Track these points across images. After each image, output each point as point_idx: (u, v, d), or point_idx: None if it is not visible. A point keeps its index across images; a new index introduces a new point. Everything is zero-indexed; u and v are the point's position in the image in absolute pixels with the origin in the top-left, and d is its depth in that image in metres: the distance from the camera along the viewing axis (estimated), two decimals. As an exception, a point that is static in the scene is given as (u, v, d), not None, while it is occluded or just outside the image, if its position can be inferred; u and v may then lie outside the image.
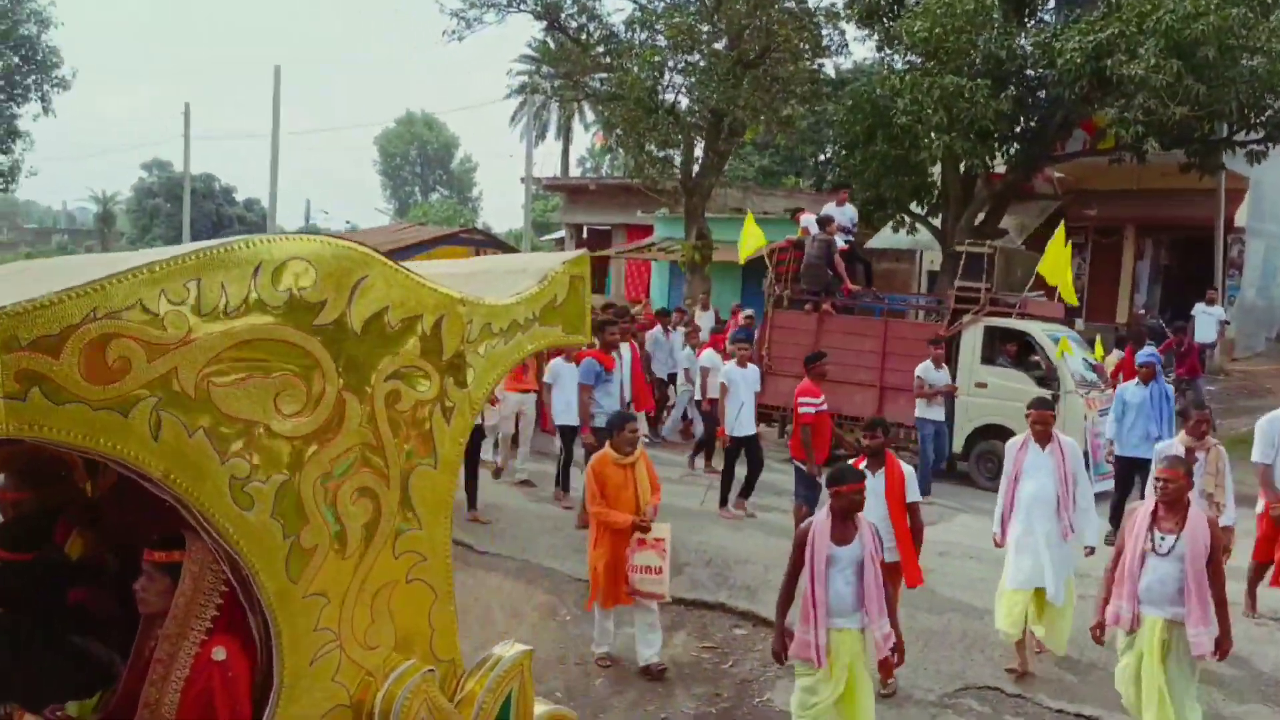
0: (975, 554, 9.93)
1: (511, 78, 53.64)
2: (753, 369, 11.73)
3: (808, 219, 15.91)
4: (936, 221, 19.98)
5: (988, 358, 13.71)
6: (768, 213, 28.85)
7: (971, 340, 13.78)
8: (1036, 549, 7.39)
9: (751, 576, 9.43)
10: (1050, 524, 7.43)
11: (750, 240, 15.50)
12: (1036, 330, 13.53)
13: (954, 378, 13.44)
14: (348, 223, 73.62)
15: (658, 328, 16.10)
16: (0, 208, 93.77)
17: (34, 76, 34.83)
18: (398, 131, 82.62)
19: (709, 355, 13.64)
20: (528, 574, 9.79)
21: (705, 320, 18.25)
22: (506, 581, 9.68)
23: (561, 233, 41.80)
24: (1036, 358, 13.51)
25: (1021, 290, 14.28)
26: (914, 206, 20.12)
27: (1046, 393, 12.25)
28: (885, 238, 23.78)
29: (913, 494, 7.28)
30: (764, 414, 13.90)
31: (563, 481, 11.80)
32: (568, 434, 11.51)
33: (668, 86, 22.15)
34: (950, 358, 13.59)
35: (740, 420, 11.23)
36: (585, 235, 39.29)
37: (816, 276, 15.05)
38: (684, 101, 22.50)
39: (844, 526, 5.85)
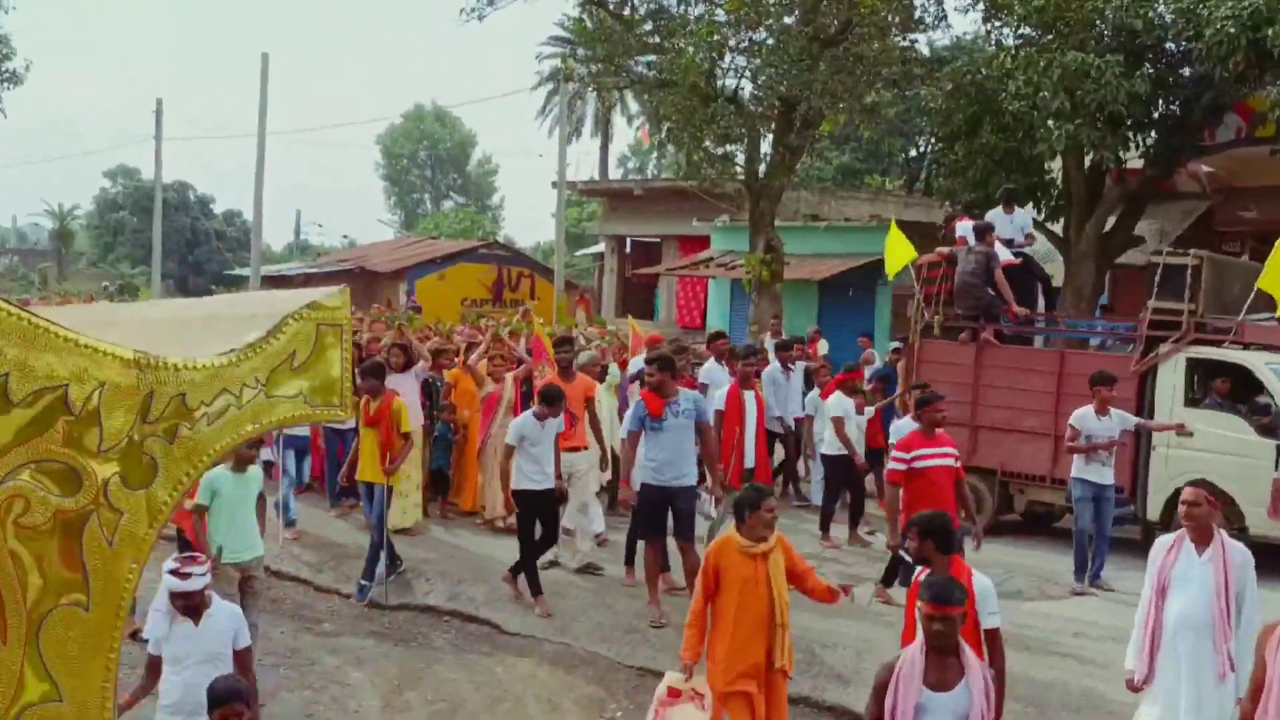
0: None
1: (540, 63, 54.39)
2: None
3: (964, 227, 15.35)
4: (1057, 227, 19.78)
5: (1193, 398, 12.81)
6: (849, 219, 28.88)
7: (1171, 376, 12.84)
8: (1173, 696, 6.63)
9: (843, 663, 9.29)
10: (1201, 659, 6.58)
11: (897, 253, 15.03)
12: (1259, 362, 12.41)
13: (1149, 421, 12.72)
14: (345, 237, 74.69)
15: (774, 365, 15.27)
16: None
17: (-20, 70, 35.62)
18: (404, 129, 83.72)
19: (838, 402, 13.37)
20: (568, 660, 9.73)
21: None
22: (542, 669, 9.61)
23: (600, 246, 42.00)
24: (1263, 399, 12.35)
25: (1238, 312, 12.89)
26: (1029, 209, 19.92)
27: (1271, 443, 11.83)
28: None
29: (989, 616, 6.17)
30: None
31: (631, 557, 11.40)
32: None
33: (728, 70, 22.25)
34: (1143, 398, 12.89)
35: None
36: (629, 249, 39.44)
37: (973, 297, 14.42)
38: (748, 87, 22.57)
39: (943, 665, 5.23)
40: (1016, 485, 13.87)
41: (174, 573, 6.34)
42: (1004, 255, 14.78)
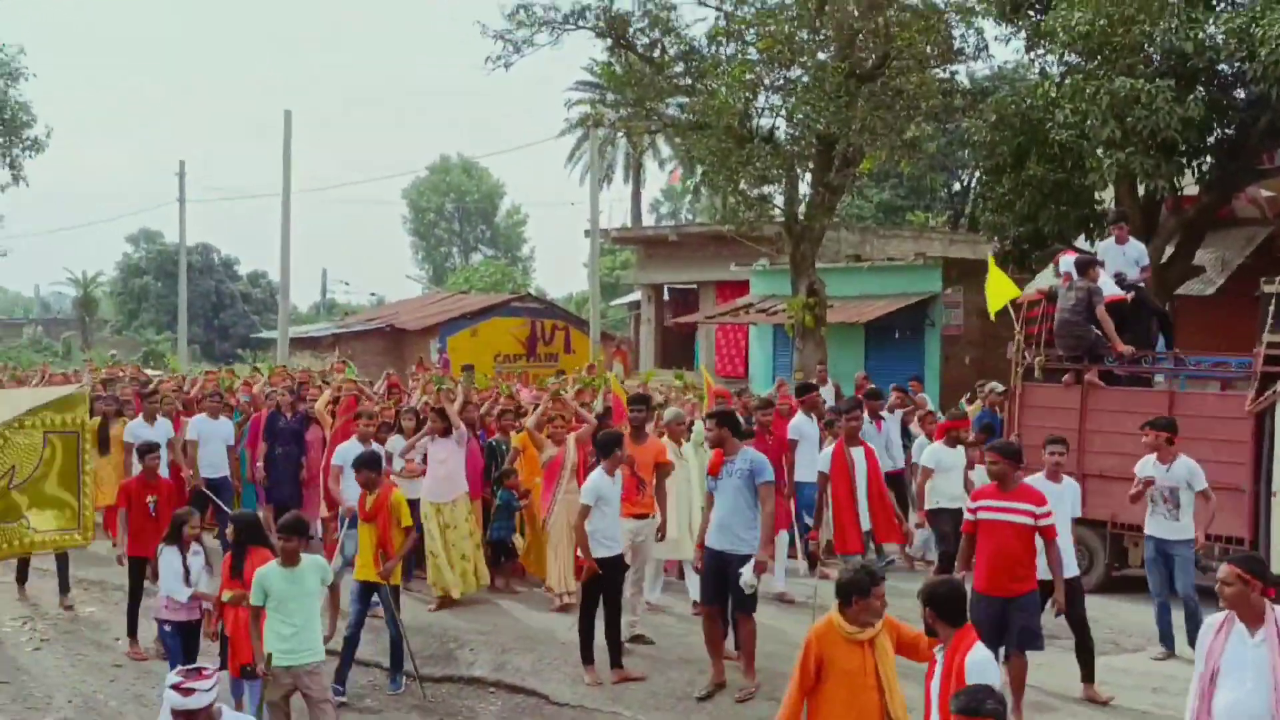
0: None
1: (568, 109, 54.87)
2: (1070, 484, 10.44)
3: (1067, 262, 14.85)
4: (1112, 260, 19.63)
5: None
6: (893, 258, 28.78)
7: None
8: None
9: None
10: None
11: (998, 290, 14.68)
12: None
13: (1263, 468, 12.09)
14: (373, 295, 75.22)
15: (799, 417, 14.41)
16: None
17: (1, 139, 36.26)
18: (430, 181, 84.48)
19: (932, 452, 13.01)
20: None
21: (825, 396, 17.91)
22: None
23: (636, 295, 42.11)
24: None
25: None
26: (1080, 242, 19.81)
27: None
28: (1045, 283, 23.38)
29: None
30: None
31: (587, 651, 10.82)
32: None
33: (763, 109, 22.29)
34: (1260, 438, 12.29)
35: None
36: (666, 296, 39.48)
37: (1074, 336, 13.90)
38: (784, 127, 22.59)
39: None
40: (1131, 538, 13.09)
41: (176, 687, 5.99)
42: (1110, 290, 14.24)
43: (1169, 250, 19.10)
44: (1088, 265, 14.25)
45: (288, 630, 8.21)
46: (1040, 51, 19.41)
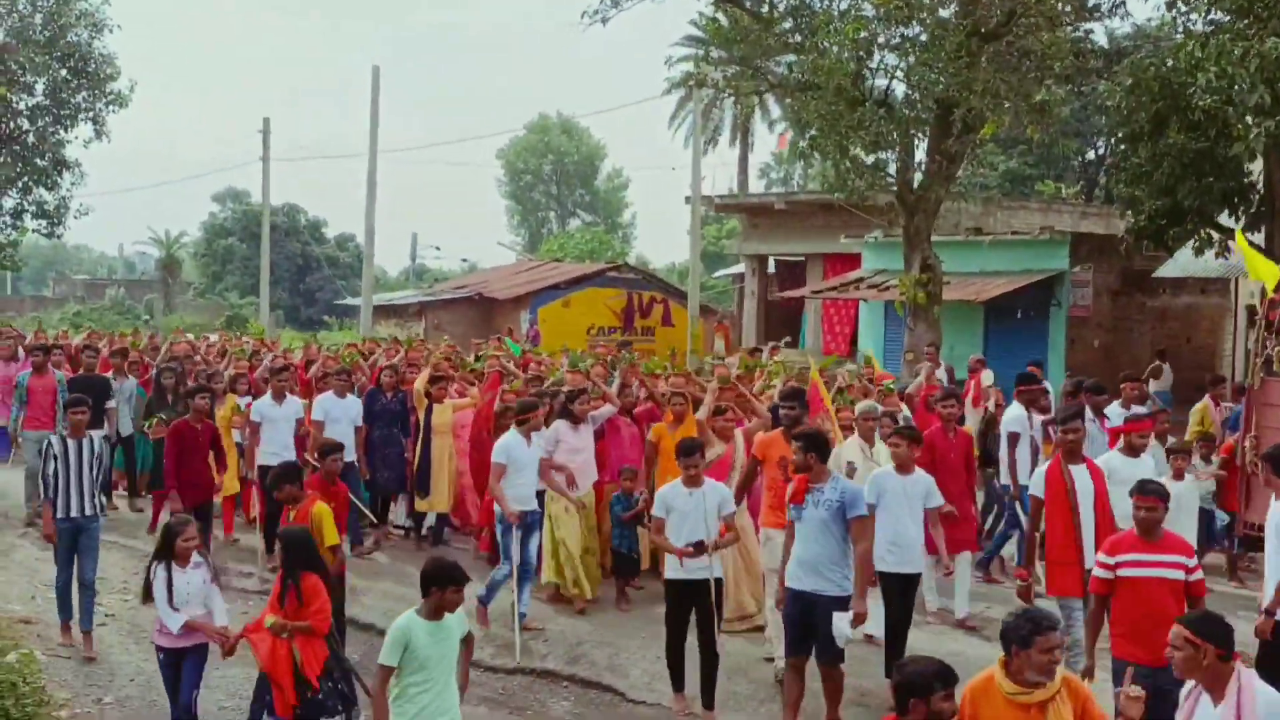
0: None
1: (670, 67, 54.65)
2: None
3: None
4: (1259, 238, 19.19)
5: None
6: (1018, 232, 28.36)
7: None
8: None
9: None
10: None
11: (1262, 269, 13.28)
12: None
13: None
14: (465, 261, 75.98)
15: (1016, 409, 13.51)
16: (46, 255, 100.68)
17: (84, 92, 37.17)
18: (527, 142, 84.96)
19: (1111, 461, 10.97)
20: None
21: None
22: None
23: (740, 266, 41.99)
24: None
25: None
26: (1225, 218, 19.43)
27: None
28: (1185, 262, 22.96)
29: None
30: (1248, 536, 12.59)
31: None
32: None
33: (878, 70, 22.04)
34: None
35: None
36: (772, 269, 39.30)
37: None
38: (900, 89, 22.32)
39: None
40: None
41: None
42: None
43: (1323, 228, 18.63)
44: None
45: (428, 698, 7.10)
46: (1183, 8, 19.09)
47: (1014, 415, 13.28)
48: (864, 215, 26.93)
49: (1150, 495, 7.93)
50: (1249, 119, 16.56)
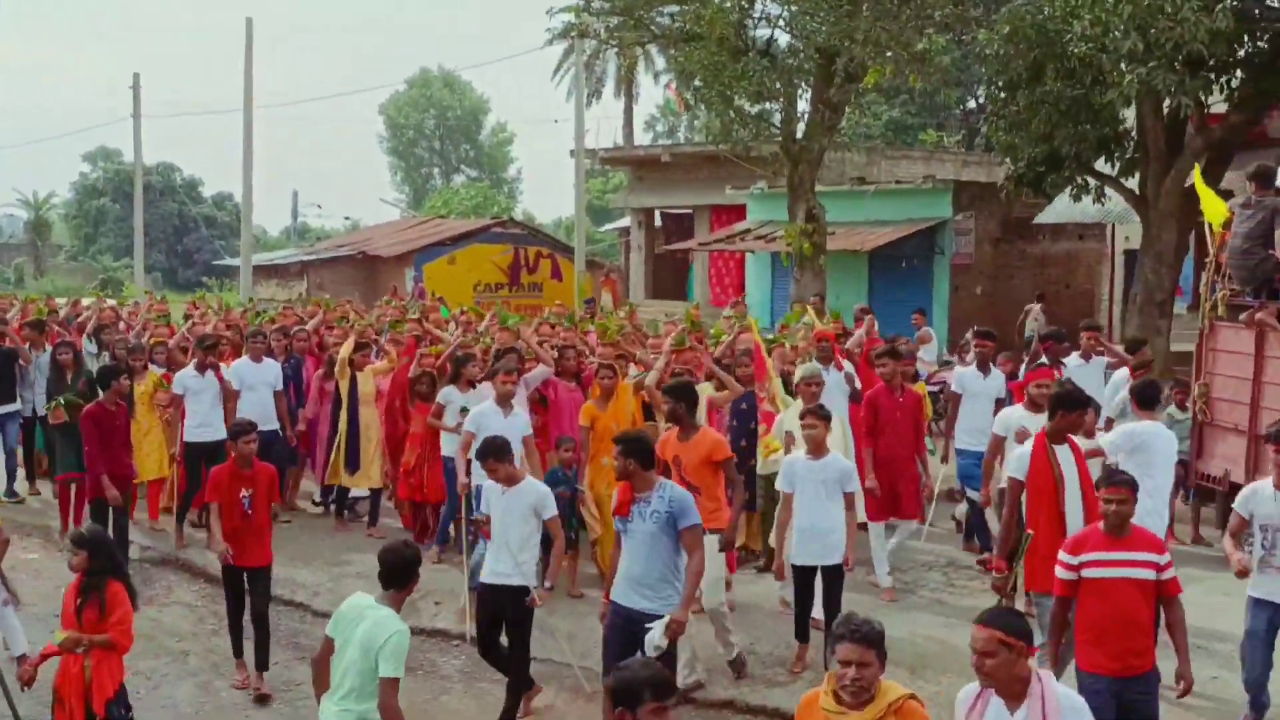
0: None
1: (553, 18, 54.28)
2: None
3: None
4: (1133, 184, 19.53)
5: None
6: (901, 181, 28.66)
7: None
8: None
9: None
10: None
11: (1213, 208, 12.96)
12: None
13: None
14: (347, 219, 75.00)
15: (970, 369, 12.88)
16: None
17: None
18: (409, 97, 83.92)
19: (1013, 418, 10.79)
20: (591, 688, 9.41)
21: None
22: (561, 698, 9.47)
23: (626, 220, 41.93)
24: None
25: None
26: (1101, 165, 19.69)
27: None
28: (1063, 209, 23.30)
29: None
30: (1201, 487, 12.65)
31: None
32: None
33: (760, 19, 22.03)
34: None
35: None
36: (658, 222, 39.29)
37: (1245, 267, 12.28)
38: (783, 38, 22.33)
39: None
40: None
41: None
42: None
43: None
44: (1266, 177, 12.32)
45: None
46: (1060, -44, 19.12)
47: (961, 375, 12.76)
48: (749, 166, 26.97)
49: (1119, 486, 7.15)
50: (1122, 66, 16.70)
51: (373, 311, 19.99)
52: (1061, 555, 7.27)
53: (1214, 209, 12.88)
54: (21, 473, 15.90)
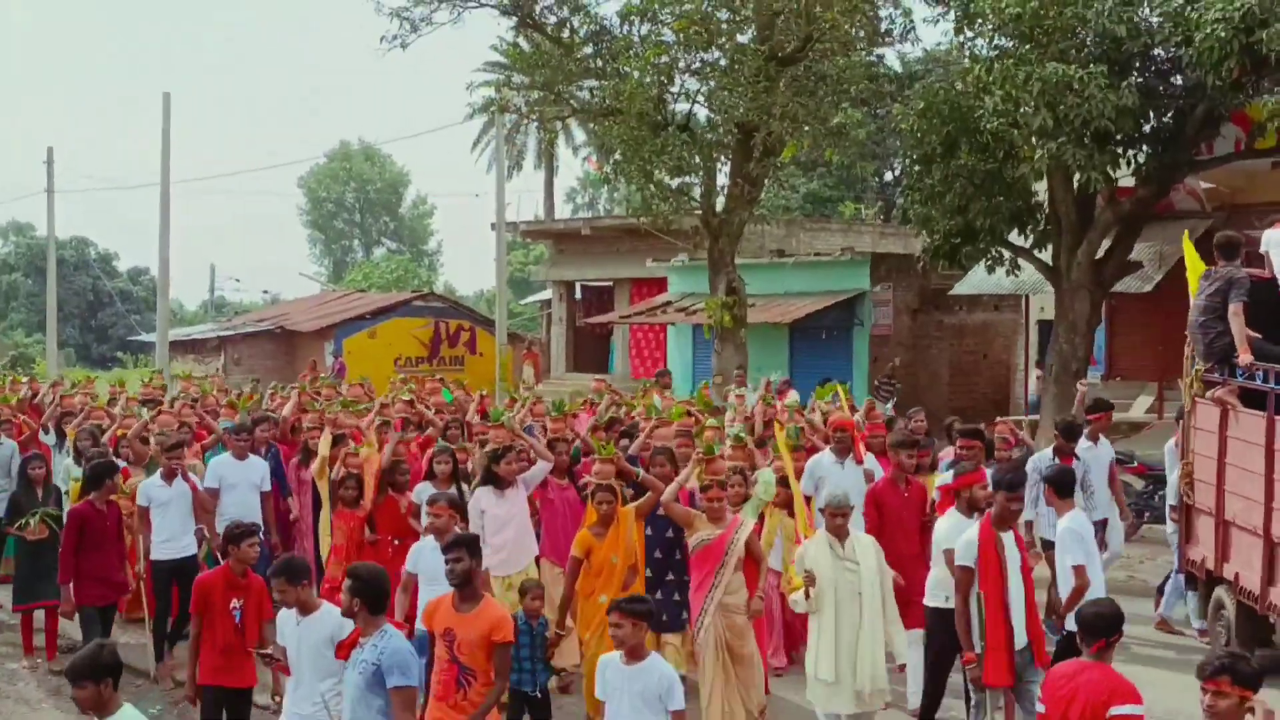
0: None
1: (472, 93, 54.50)
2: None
3: (1273, 237, 11.79)
4: (1046, 255, 19.80)
5: None
6: (820, 253, 28.97)
7: None
8: None
9: None
10: None
11: (1195, 271, 11.99)
12: None
13: None
14: (266, 293, 74.05)
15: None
16: None
17: None
18: (329, 169, 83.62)
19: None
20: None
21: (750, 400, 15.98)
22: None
23: (548, 292, 41.95)
24: None
25: None
26: (1014, 237, 19.95)
27: None
28: (979, 280, 23.61)
29: None
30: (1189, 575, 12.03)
31: None
32: None
33: (679, 95, 22.29)
34: None
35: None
36: (579, 295, 39.35)
37: (1206, 343, 11.31)
38: (701, 113, 22.60)
39: None
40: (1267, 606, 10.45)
41: None
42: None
43: (1105, 245, 19.29)
44: (1231, 246, 11.29)
45: None
46: (969, 34, 19.42)
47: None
48: (669, 239, 27.16)
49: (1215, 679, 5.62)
50: (1033, 140, 16.91)
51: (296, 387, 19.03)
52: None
53: (1196, 276, 11.91)
54: None
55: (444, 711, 7.21)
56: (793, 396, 17.07)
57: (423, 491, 10.55)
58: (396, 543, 10.81)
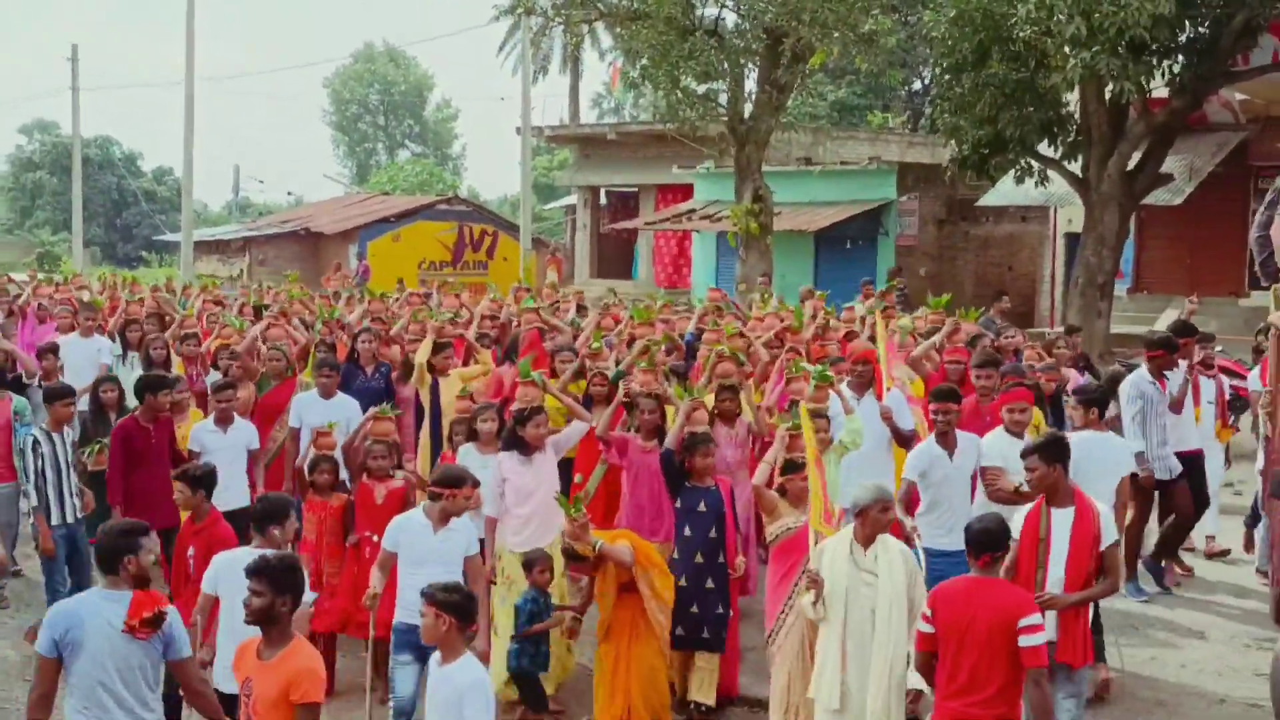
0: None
1: (498, -6, 53.75)
2: None
3: None
4: (1075, 167, 19.69)
5: None
6: (846, 162, 28.74)
7: None
8: None
9: None
10: None
11: None
12: None
13: None
14: (290, 194, 74.13)
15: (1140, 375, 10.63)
16: None
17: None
18: (354, 71, 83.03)
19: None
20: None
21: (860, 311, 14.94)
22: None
23: (572, 198, 41.78)
24: None
25: None
26: (1044, 148, 19.85)
27: None
28: (1007, 191, 23.47)
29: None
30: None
31: None
32: None
33: (708, -1, 21.99)
34: None
35: None
36: (604, 200, 39.20)
37: (1260, 261, 10.53)
38: (730, 18, 22.32)
39: None
40: None
41: None
42: None
43: (1136, 157, 19.16)
44: None
45: None
46: (1005, -60, 19.21)
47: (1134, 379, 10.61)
48: (696, 146, 26.96)
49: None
50: (1066, 50, 16.81)
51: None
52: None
53: None
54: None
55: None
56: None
57: (467, 455, 9.33)
58: (376, 540, 8.40)
